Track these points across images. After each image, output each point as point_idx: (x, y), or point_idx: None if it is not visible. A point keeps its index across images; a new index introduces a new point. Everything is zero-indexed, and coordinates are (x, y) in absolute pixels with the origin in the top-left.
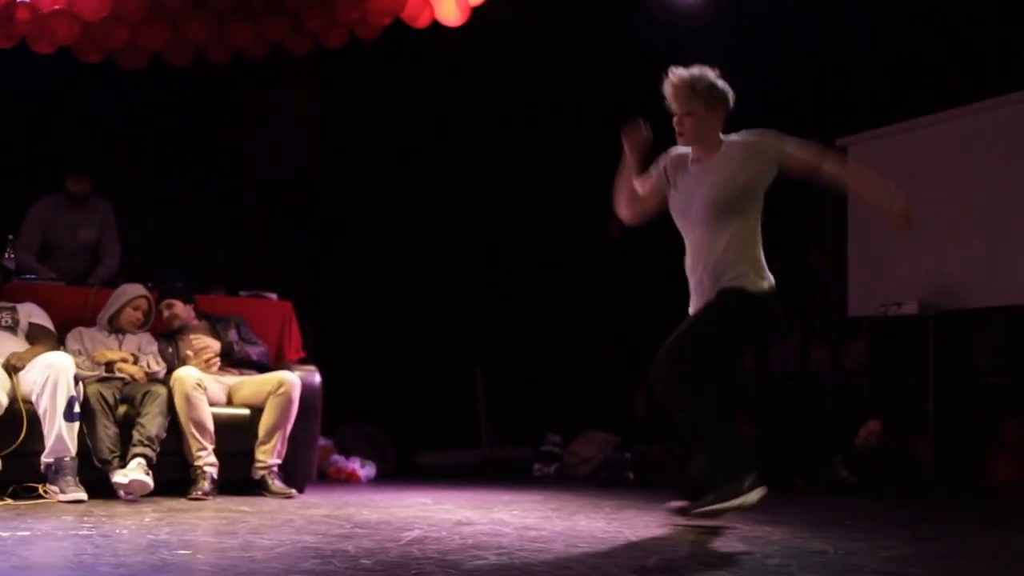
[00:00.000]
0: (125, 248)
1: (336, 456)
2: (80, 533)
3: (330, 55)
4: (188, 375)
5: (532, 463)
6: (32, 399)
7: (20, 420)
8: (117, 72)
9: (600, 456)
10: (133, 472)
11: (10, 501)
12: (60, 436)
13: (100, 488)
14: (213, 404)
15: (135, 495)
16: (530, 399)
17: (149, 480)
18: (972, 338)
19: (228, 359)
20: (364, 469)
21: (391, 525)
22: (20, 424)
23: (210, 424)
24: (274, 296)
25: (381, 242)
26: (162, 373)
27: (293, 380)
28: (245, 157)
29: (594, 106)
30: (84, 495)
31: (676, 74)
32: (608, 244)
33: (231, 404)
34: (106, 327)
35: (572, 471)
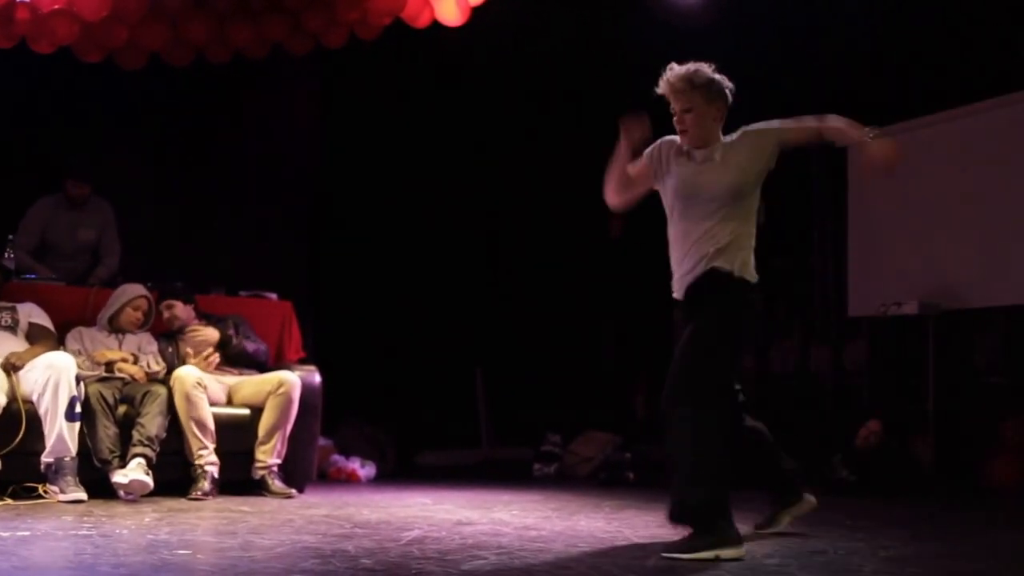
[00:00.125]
0: (125, 248)
1: (336, 456)
2: (80, 533)
3: (330, 55)
4: (188, 374)
5: (532, 463)
6: (33, 399)
7: (19, 420)
8: (117, 72)
9: (600, 456)
10: (133, 472)
11: (10, 501)
12: (61, 436)
13: (100, 488)
14: (213, 404)
15: (135, 495)
16: (530, 399)
17: (149, 480)
18: (972, 338)
19: (225, 350)
20: (364, 469)
21: (391, 525)
22: (19, 424)
23: (211, 423)
24: (274, 296)
25: (381, 242)
26: (162, 373)
27: (293, 380)
28: (245, 157)
29: (594, 106)
30: (84, 495)
31: (673, 71)
32: (608, 244)
33: (231, 404)
34: (106, 327)
35: (572, 471)
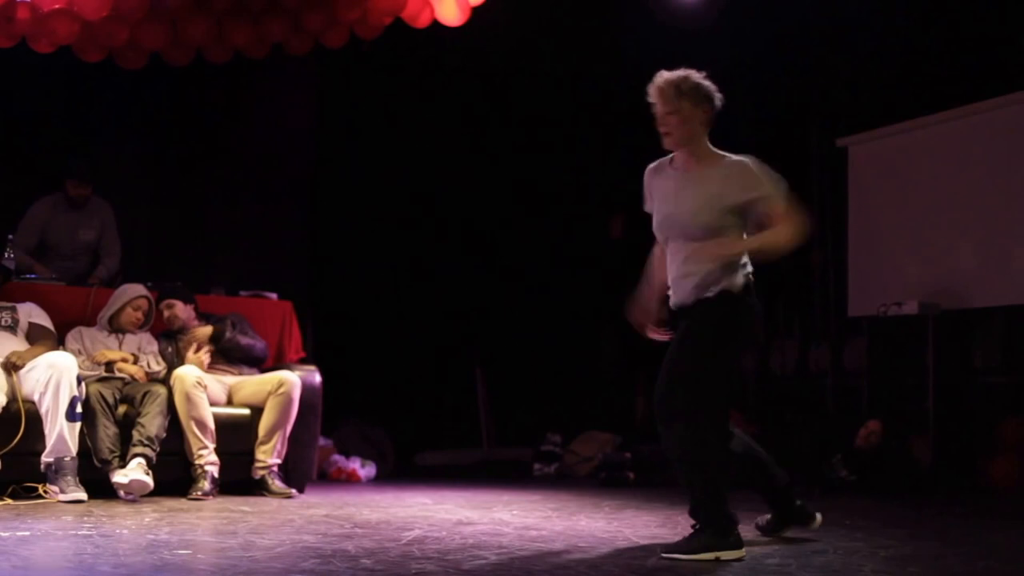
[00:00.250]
0: (125, 248)
1: (336, 456)
2: (80, 533)
3: (330, 55)
4: (188, 373)
5: (532, 463)
6: (34, 399)
7: (19, 419)
8: (117, 72)
9: (600, 456)
10: (133, 472)
11: (10, 501)
12: (61, 436)
13: (100, 488)
14: (213, 404)
15: (135, 495)
16: (530, 399)
17: (149, 480)
18: (972, 338)
19: (218, 343)
20: (364, 469)
21: (391, 525)
22: (19, 424)
23: (211, 422)
24: (274, 296)
25: (381, 242)
26: (162, 373)
27: (293, 380)
28: (245, 157)
29: (594, 106)
30: (84, 495)
31: (662, 76)
32: (608, 244)
33: (231, 404)
34: (106, 327)
35: (572, 471)
